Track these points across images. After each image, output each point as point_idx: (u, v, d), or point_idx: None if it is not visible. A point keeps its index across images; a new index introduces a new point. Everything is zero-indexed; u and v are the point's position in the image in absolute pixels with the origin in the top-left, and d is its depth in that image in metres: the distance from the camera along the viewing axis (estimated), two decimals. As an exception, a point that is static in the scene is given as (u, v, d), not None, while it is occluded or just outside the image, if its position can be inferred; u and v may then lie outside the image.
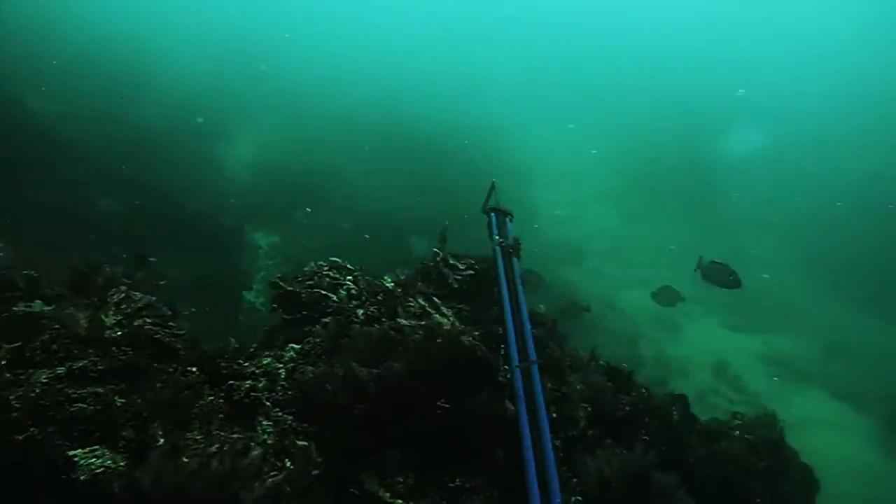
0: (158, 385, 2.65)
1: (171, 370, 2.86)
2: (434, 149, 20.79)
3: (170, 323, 3.30)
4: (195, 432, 2.54)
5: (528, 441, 2.82)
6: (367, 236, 13.45)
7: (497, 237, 4.36)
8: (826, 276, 20.15)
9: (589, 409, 4.12)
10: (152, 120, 17.44)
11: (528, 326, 3.48)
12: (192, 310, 4.01)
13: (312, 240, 14.33)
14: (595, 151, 27.03)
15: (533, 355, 3.30)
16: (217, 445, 2.39)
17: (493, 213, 4.68)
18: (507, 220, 4.65)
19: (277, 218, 15.50)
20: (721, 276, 8.03)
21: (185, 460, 2.23)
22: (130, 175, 13.22)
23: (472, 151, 21.21)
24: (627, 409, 4.63)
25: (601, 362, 5.37)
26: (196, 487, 2.09)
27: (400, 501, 2.94)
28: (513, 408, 3.05)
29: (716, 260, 8.18)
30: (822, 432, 12.74)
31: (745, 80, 40.43)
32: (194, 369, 2.94)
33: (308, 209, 15.38)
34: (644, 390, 5.25)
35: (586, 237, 18.53)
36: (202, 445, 2.40)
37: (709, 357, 14.09)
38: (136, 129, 16.14)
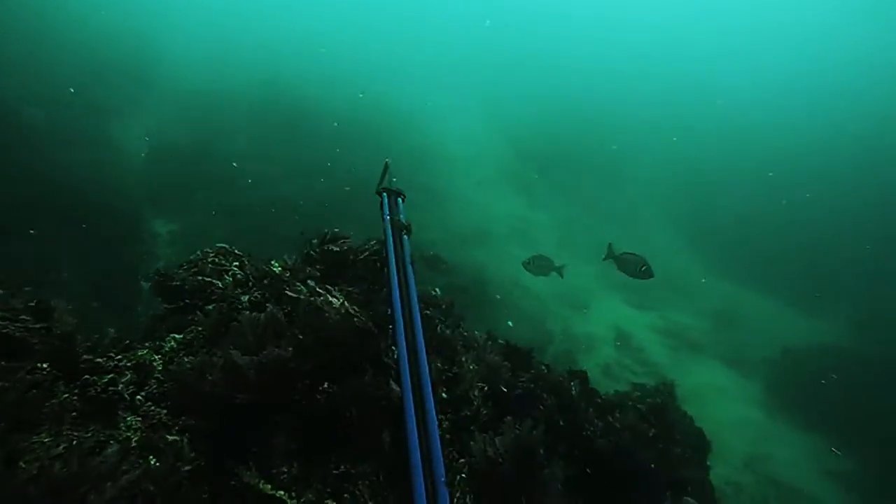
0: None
1: (17, 368, 2.57)
2: (339, 132, 20.37)
3: (22, 316, 2.98)
4: (43, 435, 2.29)
5: (412, 422, 2.75)
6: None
7: (388, 217, 4.27)
8: (713, 254, 21.55)
9: (485, 388, 4.13)
10: (40, 93, 15.97)
11: (416, 306, 3.41)
12: (73, 304, 3.68)
13: (214, 227, 13.72)
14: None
15: (420, 335, 3.23)
16: (64, 446, 2.17)
17: (384, 194, 4.58)
18: (399, 200, 4.56)
19: (178, 204, 14.71)
20: (633, 266, 8.04)
21: (23, 465, 2.00)
22: (10, 156, 12.09)
23: (378, 135, 20.95)
24: (526, 386, 4.69)
25: (500, 341, 5.42)
26: (33, 494, 1.87)
27: (282, 493, 2.82)
28: (398, 389, 2.98)
29: (629, 251, 8.23)
30: (714, 397, 13.64)
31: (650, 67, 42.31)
32: (45, 365, 2.67)
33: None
34: (544, 367, 5.34)
35: (491, 218, 18.74)
36: (48, 448, 2.17)
37: (613, 332, 14.70)
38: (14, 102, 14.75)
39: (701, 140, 30.30)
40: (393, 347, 3.27)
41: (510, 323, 11.56)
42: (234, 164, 16.50)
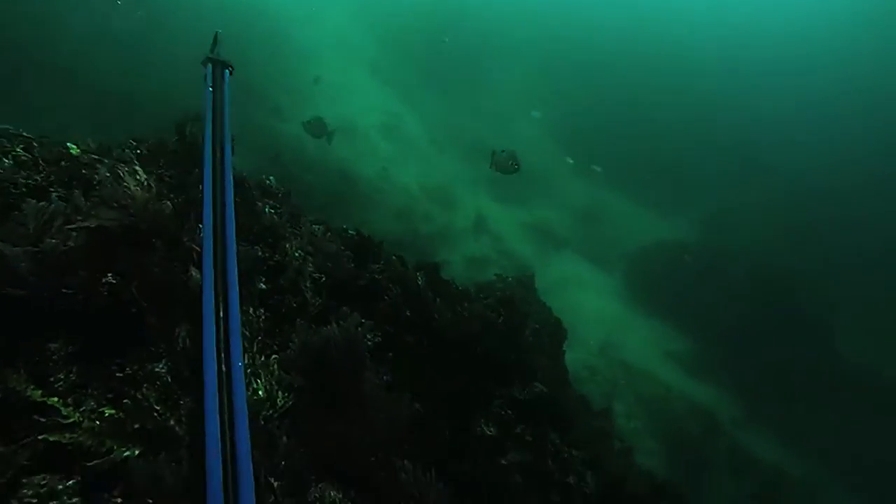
0: None
1: None
2: (176, 14, 17.99)
3: None
4: None
5: (209, 310, 2.39)
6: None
7: (210, 89, 3.68)
8: (574, 152, 22.19)
9: (323, 278, 3.81)
10: None
11: (229, 185, 2.97)
12: None
13: (39, 119, 11.90)
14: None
15: (231, 217, 2.81)
16: None
17: (210, 64, 3.94)
18: (227, 72, 3.94)
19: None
20: (505, 162, 8.00)
21: None
22: None
23: (227, 20, 18.79)
24: (370, 277, 4.43)
25: (351, 233, 5.09)
26: None
27: (55, 399, 2.39)
28: (198, 275, 2.58)
29: (503, 149, 8.10)
30: (576, 289, 14.40)
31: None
32: None
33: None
34: (395, 257, 5.10)
35: (360, 113, 17.77)
36: None
37: (480, 226, 14.80)
38: None
39: (566, 40, 30.27)
40: (200, 226, 2.83)
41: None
42: (70, 51, 14.27)
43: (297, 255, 3.42)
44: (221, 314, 2.47)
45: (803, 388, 14.49)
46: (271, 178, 4.51)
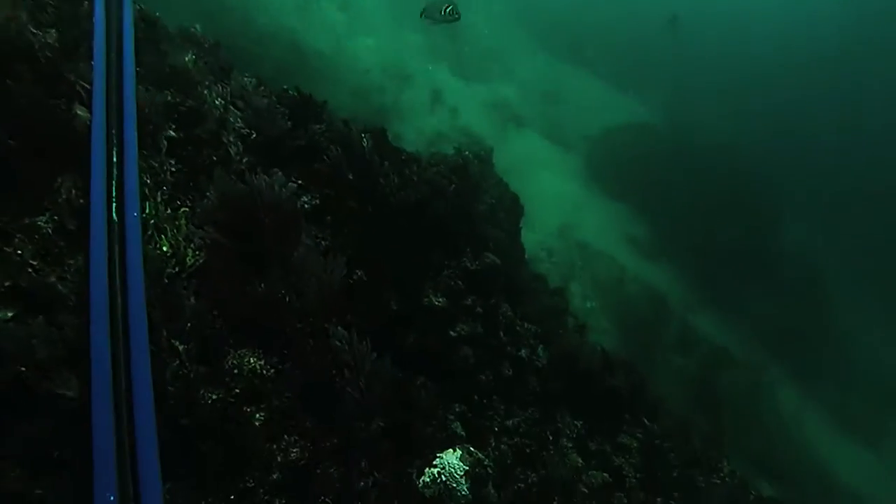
0: None
1: None
2: None
3: None
4: None
5: (100, 155, 1.99)
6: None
7: None
8: (538, 29, 21.05)
9: (252, 135, 3.38)
10: None
11: (128, 23, 2.47)
12: None
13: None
14: None
15: (128, 54, 2.34)
16: None
17: None
18: None
19: None
20: (438, 8, 7.23)
21: None
22: None
23: None
24: (312, 137, 4.00)
25: (292, 93, 4.57)
26: None
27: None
28: (85, 114, 2.14)
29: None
30: (536, 170, 14.03)
31: None
32: None
33: None
34: (342, 122, 4.65)
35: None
36: None
37: (438, 101, 14.01)
38: None
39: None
40: (92, 62, 2.35)
41: None
42: None
43: (216, 103, 2.95)
44: (115, 159, 2.08)
45: (751, 274, 14.94)
46: (197, 25, 3.90)
